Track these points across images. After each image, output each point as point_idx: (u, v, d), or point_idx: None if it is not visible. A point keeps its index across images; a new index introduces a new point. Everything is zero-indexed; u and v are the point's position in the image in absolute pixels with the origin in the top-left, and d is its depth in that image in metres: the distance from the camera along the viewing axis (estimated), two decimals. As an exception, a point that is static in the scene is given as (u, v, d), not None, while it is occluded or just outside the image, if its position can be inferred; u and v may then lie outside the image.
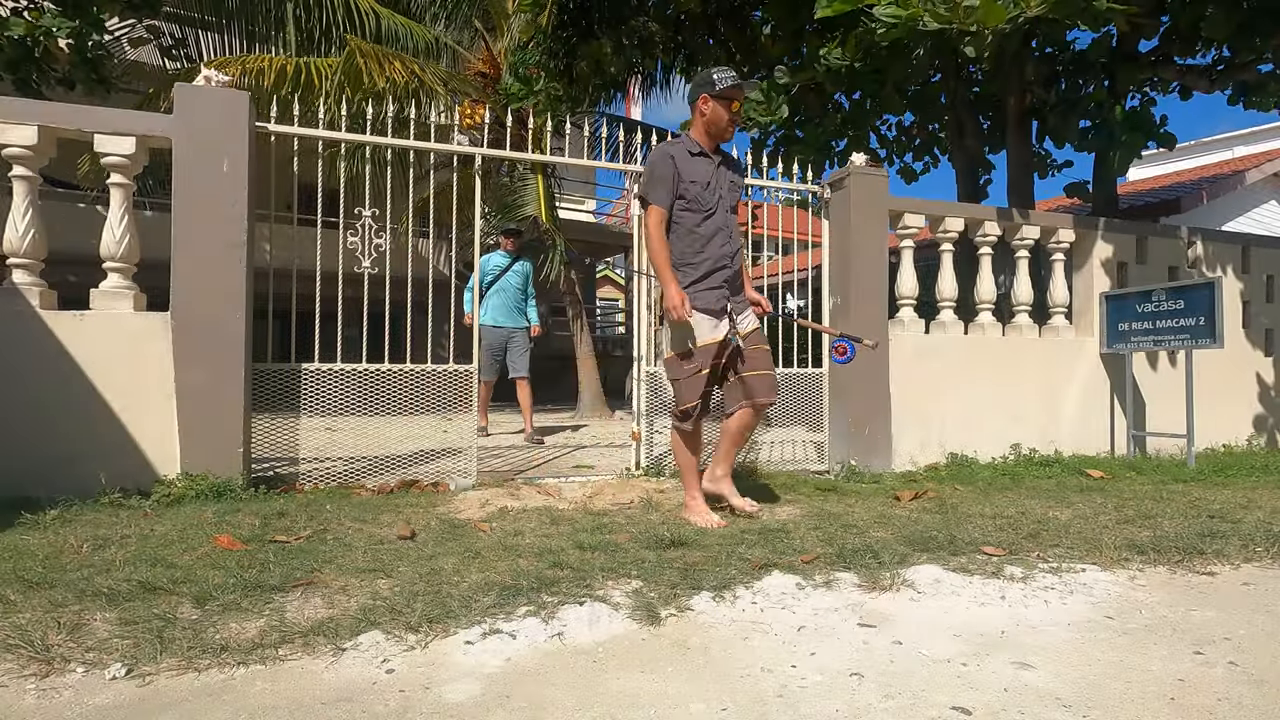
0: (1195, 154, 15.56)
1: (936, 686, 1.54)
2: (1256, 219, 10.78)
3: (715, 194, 3.07)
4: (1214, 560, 2.50)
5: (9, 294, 3.28)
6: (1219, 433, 5.59)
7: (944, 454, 4.73)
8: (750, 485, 3.85)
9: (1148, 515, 3.14)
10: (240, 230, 3.44)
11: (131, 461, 3.30)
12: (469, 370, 3.97)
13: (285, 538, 2.61)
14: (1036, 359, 5.14)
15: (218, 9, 8.67)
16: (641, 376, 4.30)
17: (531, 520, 2.98)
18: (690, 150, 3.07)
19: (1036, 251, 5.47)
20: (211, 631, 1.75)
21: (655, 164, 3.04)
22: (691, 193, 3.02)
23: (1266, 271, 5.97)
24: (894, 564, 2.37)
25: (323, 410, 3.71)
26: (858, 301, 4.48)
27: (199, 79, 3.50)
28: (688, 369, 3.01)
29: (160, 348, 3.37)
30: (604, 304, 21.92)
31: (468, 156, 4.29)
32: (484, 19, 9.26)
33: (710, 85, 3.01)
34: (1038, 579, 2.27)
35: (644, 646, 1.75)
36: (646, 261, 4.44)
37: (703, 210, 3.03)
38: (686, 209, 3.03)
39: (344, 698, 1.46)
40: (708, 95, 3.03)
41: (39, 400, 3.21)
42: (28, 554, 2.32)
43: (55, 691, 1.47)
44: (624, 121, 10.20)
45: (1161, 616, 1.99)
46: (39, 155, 3.38)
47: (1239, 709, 1.45)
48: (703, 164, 3.07)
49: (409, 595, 2.01)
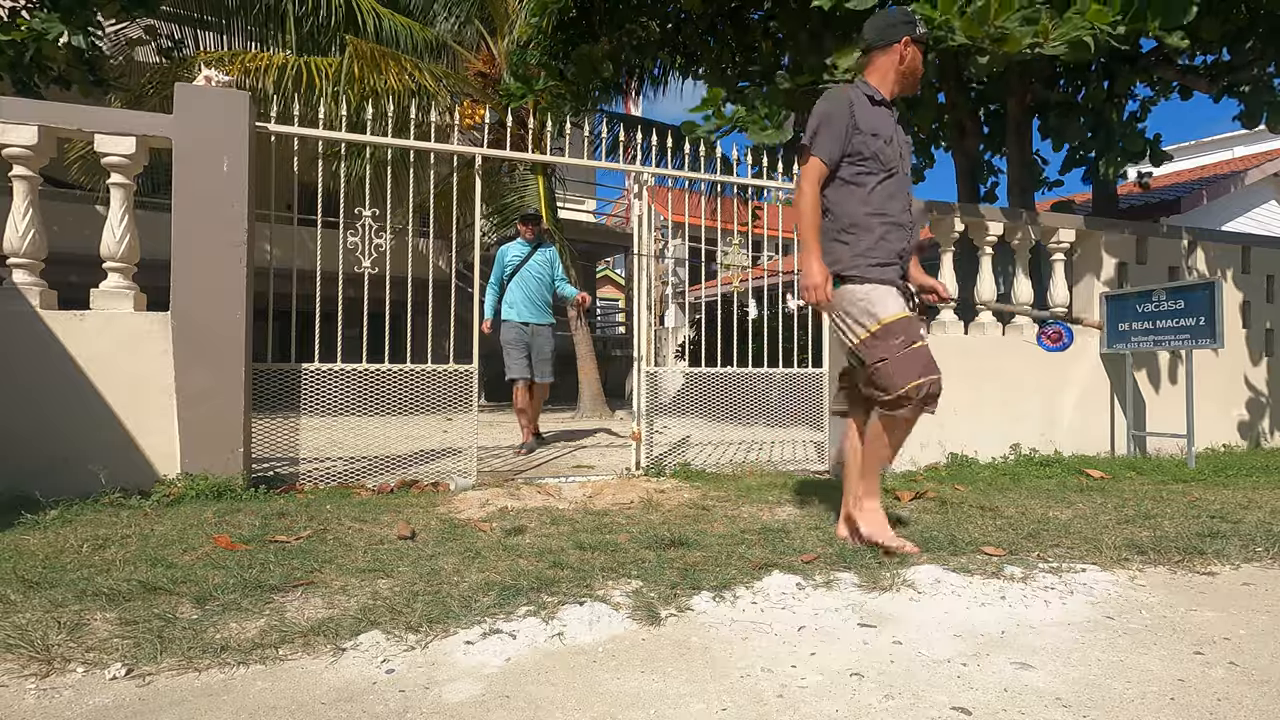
0: (1195, 154, 15.56)
1: (937, 686, 1.54)
2: (1257, 219, 10.77)
3: (897, 150, 2.61)
4: (1214, 560, 2.50)
5: (9, 294, 3.28)
6: (1219, 433, 5.59)
7: (944, 454, 4.74)
8: (752, 485, 3.86)
9: (1148, 515, 3.14)
10: (240, 230, 3.44)
11: (132, 461, 3.31)
12: (469, 370, 3.97)
13: (285, 538, 2.61)
14: (1037, 359, 5.14)
15: (217, 9, 8.68)
16: (641, 376, 4.30)
17: (531, 520, 2.98)
18: (872, 97, 2.59)
19: (1037, 251, 5.47)
20: (212, 631, 1.75)
21: (830, 109, 2.53)
22: (871, 147, 2.54)
23: (1266, 272, 5.98)
24: (894, 564, 2.36)
25: (323, 410, 3.71)
26: (858, 301, 4.47)
27: (199, 79, 3.50)
28: (895, 344, 2.46)
29: (160, 348, 3.37)
30: (604, 304, 21.91)
31: (468, 157, 4.29)
32: (484, 19, 9.26)
33: (912, 26, 2.58)
34: (1038, 579, 2.27)
35: (644, 646, 1.74)
36: (646, 261, 4.44)
37: (884, 168, 2.56)
38: (861, 166, 2.55)
39: (344, 698, 1.46)
40: (910, 38, 2.58)
41: (39, 400, 3.22)
42: (28, 554, 2.32)
43: (55, 691, 1.47)
44: (624, 119, 10.20)
45: (1162, 616, 1.99)
46: (39, 155, 3.39)
47: (1239, 709, 1.45)
48: (885, 115, 2.60)
49: (409, 595, 2.01)
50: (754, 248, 6.68)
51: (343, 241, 3.85)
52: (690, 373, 4.58)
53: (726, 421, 4.74)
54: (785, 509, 3.30)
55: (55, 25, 5.18)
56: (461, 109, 8.01)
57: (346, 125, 4.02)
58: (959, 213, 5.01)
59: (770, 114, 4.90)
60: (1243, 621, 1.95)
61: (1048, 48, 3.64)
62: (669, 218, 11.66)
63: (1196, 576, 2.37)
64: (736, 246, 4.90)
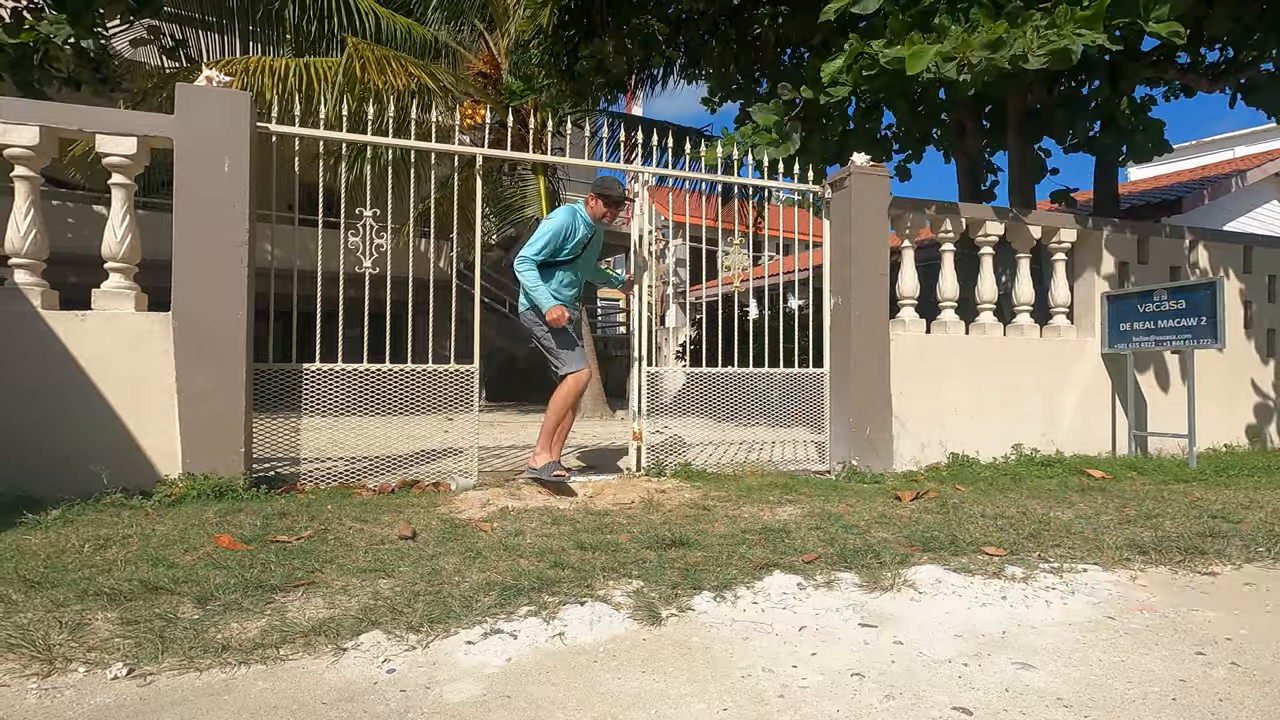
0: (1196, 154, 15.54)
1: (937, 686, 1.54)
2: (1258, 219, 10.75)
3: None
4: (1216, 560, 2.50)
5: (11, 294, 3.28)
6: (1221, 433, 5.58)
7: (945, 454, 4.73)
8: (753, 485, 3.86)
9: (1149, 515, 3.13)
10: (241, 230, 3.44)
11: (133, 461, 3.31)
12: (470, 370, 3.97)
13: (286, 538, 2.61)
14: (1038, 359, 5.14)
15: (218, 9, 8.69)
16: (642, 376, 4.29)
17: (532, 520, 2.98)
18: None
19: (1038, 251, 5.47)
20: (213, 631, 1.75)
21: None
22: None
23: (1268, 272, 5.97)
24: (895, 564, 2.36)
25: (324, 410, 3.71)
26: (859, 301, 4.48)
27: (200, 79, 3.50)
28: None
29: (161, 348, 3.37)
30: (604, 304, 21.88)
31: (469, 157, 4.29)
32: (484, 19, 9.27)
33: None
34: (1039, 579, 2.27)
35: (645, 646, 1.74)
36: (644, 259, 4.44)
37: None
38: None
39: (345, 697, 1.46)
40: None
41: (40, 400, 3.22)
42: (30, 554, 2.32)
43: (57, 691, 1.47)
44: (625, 118, 10.19)
45: (1163, 616, 1.99)
46: (41, 156, 3.39)
47: (1241, 709, 1.45)
48: None
49: (410, 595, 2.01)
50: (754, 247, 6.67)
51: (344, 242, 3.85)
52: (691, 373, 4.58)
53: (727, 421, 4.74)
54: (786, 509, 3.30)
55: (63, 28, 5.19)
56: (462, 109, 8.01)
57: (347, 125, 4.01)
58: (959, 212, 5.01)
59: (776, 126, 4.92)
60: (1244, 621, 1.95)
61: (1033, 60, 3.66)
62: (669, 218, 11.63)
63: (1198, 576, 2.37)
64: (737, 246, 4.90)
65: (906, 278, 4.89)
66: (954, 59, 3.75)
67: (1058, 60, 3.64)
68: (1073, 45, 3.57)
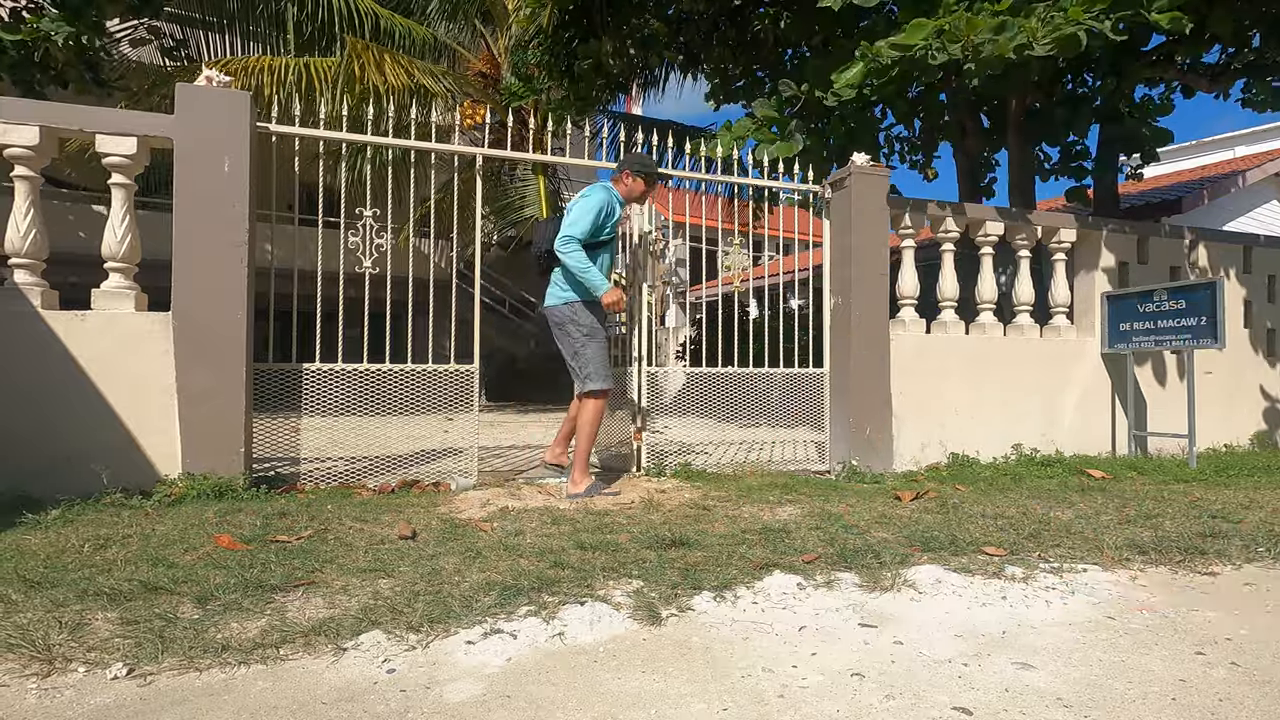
0: (1195, 154, 15.54)
1: (937, 687, 1.54)
2: (1258, 219, 10.75)
3: None
4: (1216, 560, 2.50)
5: (10, 294, 3.28)
6: (1221, 433, 5.58)
7: (945, 454, 4.73)
8: (753, 485, 3.86)
9: (1149, 515, 3.13)
10: (241, 230, 3.44)
11: (133, 461, 3.31)
12: (470, 370, 3.97)
13: (286, 537, 2.61)
14: (1038, 359, 5.14)
15: (218, 9, 8.70)
16: (642, 376, 4.30)
17: (532, 520, 2.98)
18: None
19: (1038, 251, 5.47)
20: (213, 631, 1.75)
21: None
22: None
23: (1268, 272, 5.97)
24: (895, 564, 2.36)
25: (324, 410, 3.71)
26: (859, 301, 4.48)
27: (200, 79, 3.50)
28: None
29: (161, 348, 3.37)
30: (604, 304, 21.85)
31: (469, 157, 4.29)
32: (484, 19, 9.27)
33: None
34: (1039, 579, 2.27)
35: (645, 646, 1.74)
36: (644, 259, 4.44)
37: None
38: None
39: (345, 697, 1.46)
40: None
41: (40, 400, 3.22)
42: (29, 554, 2.32)
43: (57, 691, 1.47)
44: (625, 118, 10.20)
45: (1163, 616, 1.99)
46: (41, 156, 3.39)
47: (1241, 710, 1.45)
48: None
49: (410, 595, 2.01)
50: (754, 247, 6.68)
51: (344, 242, 3.85)
52: (691, 372, 4.58)
53: (727, 421, 4.74)
54: (786, 509, 3.30)
55: (63, 26, 5.19)
56: (462, 109, 8.01)
57: (347, 125, 4.02)
58: (959, 212, 5.01)
59: (780, 124, 4.91)
60: (1244, 621, 1.95)
61: (1039, 48, 3.65)
62: (669, 217, 11.68)
63: (1198, 576, 2.37)
64: (737, 246, 4.90)
65: (906, 278, 4.89)
66: (959, 40, 3.72)
67: (1064, 47, 3.62)
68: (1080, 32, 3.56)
